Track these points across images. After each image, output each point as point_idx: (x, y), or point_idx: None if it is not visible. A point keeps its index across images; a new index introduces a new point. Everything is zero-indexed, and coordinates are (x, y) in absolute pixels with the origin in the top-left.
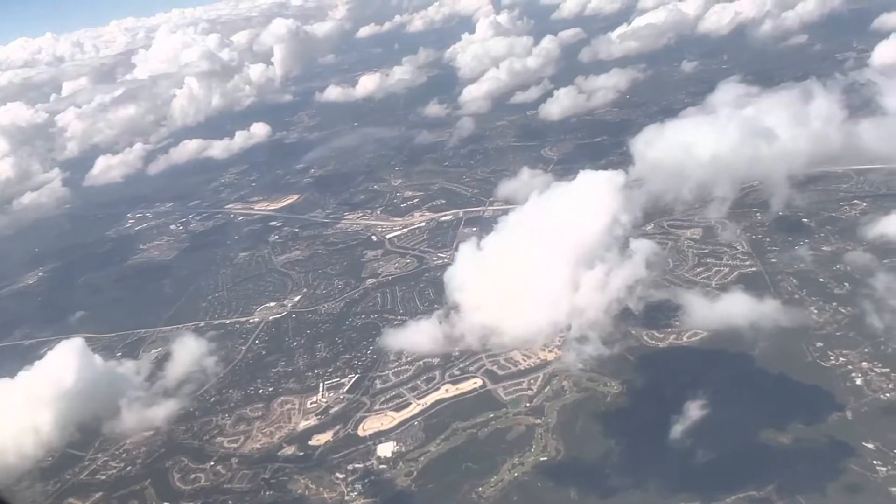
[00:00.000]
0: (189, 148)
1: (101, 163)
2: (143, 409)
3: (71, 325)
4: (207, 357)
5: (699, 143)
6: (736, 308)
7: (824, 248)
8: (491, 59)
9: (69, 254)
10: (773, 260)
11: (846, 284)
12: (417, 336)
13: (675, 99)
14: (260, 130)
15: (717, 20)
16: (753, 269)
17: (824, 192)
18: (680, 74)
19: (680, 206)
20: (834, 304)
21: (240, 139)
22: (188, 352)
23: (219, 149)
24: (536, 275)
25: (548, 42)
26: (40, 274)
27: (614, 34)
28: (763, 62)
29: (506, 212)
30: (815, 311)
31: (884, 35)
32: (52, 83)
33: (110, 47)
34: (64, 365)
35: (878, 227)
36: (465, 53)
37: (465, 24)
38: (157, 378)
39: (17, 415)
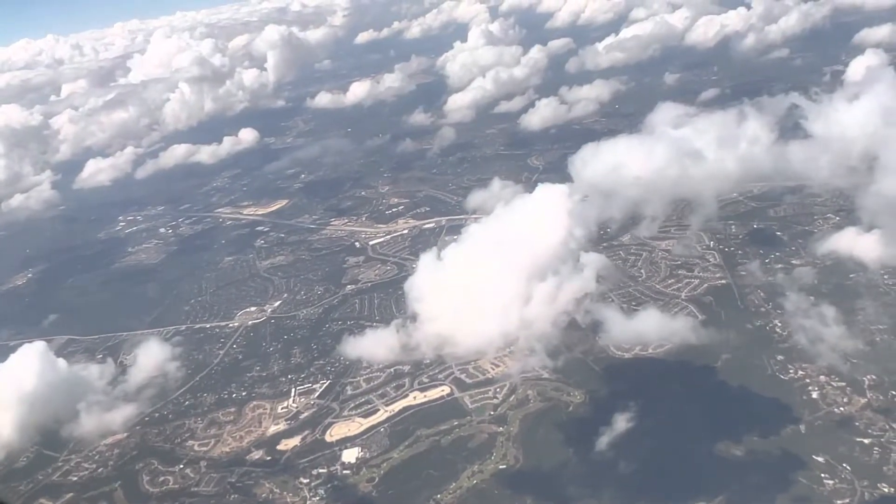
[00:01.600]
0: (178, 152)
1: (91, 166)
2: (103, 413)
3: (55, 326)
4: (173, 361)
5: (671, 157)
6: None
7: (794, 262)
8: (479, 68)
9: (59, 256)
10: (743, 273)
11: (811, 298)
12: (375, 345)
13: None
14: (251, 136)
15: (704, 32)
16: (723, 281)
17: (800, 205)
18: (665, 85)
19: (658, 218)
20: (798, 317)
21: (229, 144)
22: (153, 357)
23: (209, 154)
24: (490, 286)
25: (536, 52)
26: (29, 275)
27: (601, 45)
28: (747, 74)
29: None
30: (780, 324)
31: (863, 50)
32: (52, 85)
33: (110, 50)
34: (25, 368)
35: (845, 241)
36: (454, 62)
37: (461, 31)
38: (120, 382)
39: None
